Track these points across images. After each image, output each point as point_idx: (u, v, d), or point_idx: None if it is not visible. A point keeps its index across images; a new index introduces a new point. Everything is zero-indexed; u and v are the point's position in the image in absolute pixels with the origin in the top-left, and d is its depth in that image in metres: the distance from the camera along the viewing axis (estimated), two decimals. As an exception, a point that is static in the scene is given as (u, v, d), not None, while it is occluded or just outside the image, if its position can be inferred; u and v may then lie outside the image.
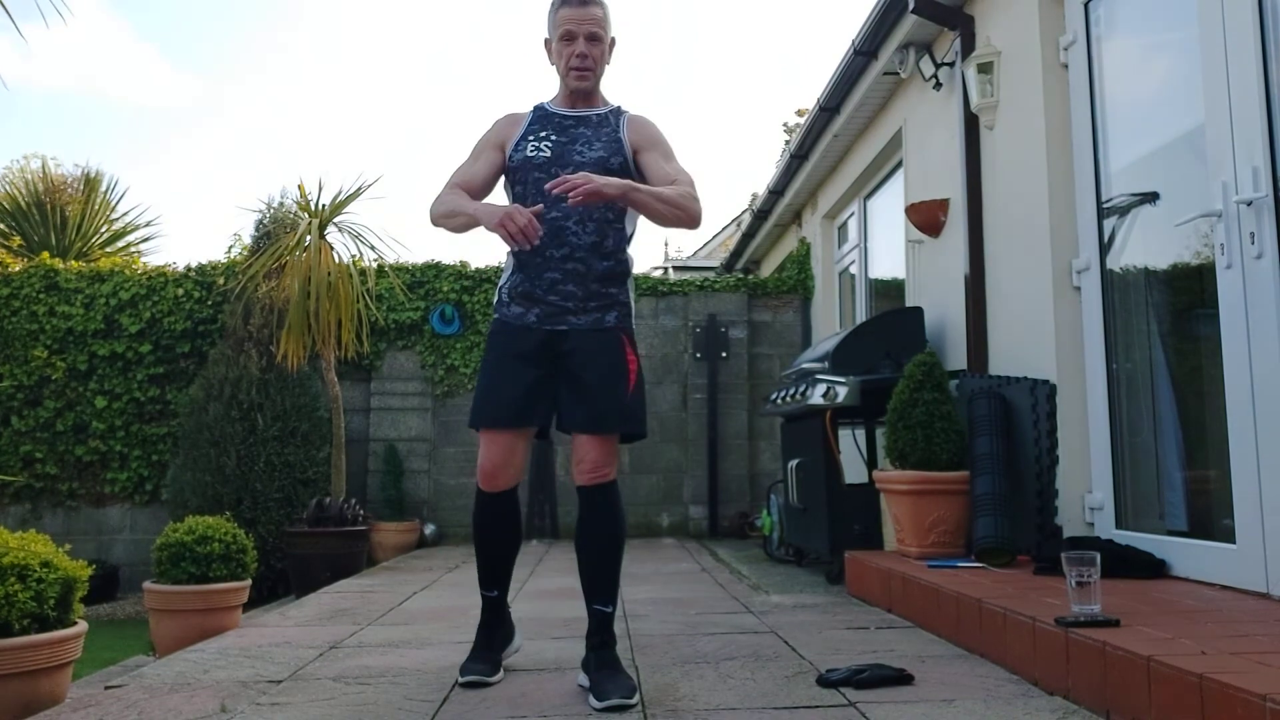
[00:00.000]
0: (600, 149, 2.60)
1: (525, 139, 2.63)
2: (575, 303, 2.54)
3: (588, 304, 2.55)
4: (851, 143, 6.53)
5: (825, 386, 4.61)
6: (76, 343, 7.68)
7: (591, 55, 2.60)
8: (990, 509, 3.68)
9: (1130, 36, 3.61)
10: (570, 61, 2.60)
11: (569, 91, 2.66)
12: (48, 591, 2.58)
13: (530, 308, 2.56)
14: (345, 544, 6.20)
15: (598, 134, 2.63)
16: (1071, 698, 2.25)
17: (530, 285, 2.56)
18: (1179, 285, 3.31)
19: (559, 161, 2.57)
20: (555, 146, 2.60)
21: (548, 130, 2.63)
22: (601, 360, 2.53)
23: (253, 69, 52.93)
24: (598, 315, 2.56)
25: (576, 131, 2.63)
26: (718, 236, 18.86)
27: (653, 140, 2.67)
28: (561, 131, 2.63)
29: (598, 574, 2.54)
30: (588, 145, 2.60)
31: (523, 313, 2.57)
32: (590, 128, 2.65)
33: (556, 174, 2.52)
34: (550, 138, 2.61)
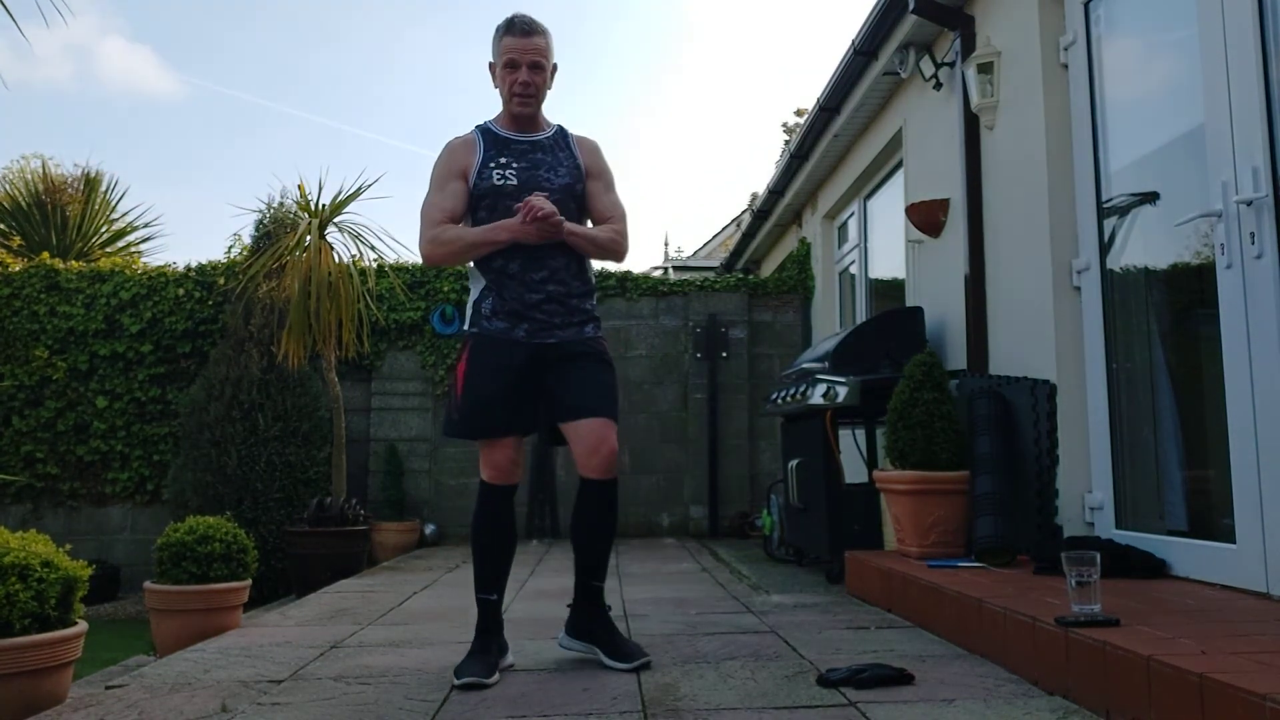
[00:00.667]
0: (565, 175, 2.81)
1: (487, 166, 2.77)
2: (560, 318, 2.74)
3: (570, 319, 2.76)
4: (851, 143, 6.53)
5: (825, 386, 4.61)
6: (77, 343, 7.68)
7: (534, 82, 2.77)
8: (990, 509, 3.68)
9: (1130, 36, 3.61)
10: (514, 88, 2.77)
11: (511, 115, 2.82)
12: (48, 591, 2.58)
13: (517, 324, 2.72)
14: (346, 544, 6.21)
15: (557, 159, 2.83)
16: (1071, 697, 2.25)
17: (515, 304, 2.72)
18: (1179, 285, 3.31)
19: (527, 187, 2.74)
20: (520, 173, 2.77)
21: (506, 156, 2.79)
22: (592, 357, 2.77)
23: (252, 68, 52.91)
24: (578, 329, 2.78)
25: (535, 157, 2.81)
26: (718, 236, 18.87)
27: (599, 169, 2.91)
28: (520, 157, 2.80)
29: (599, 558, 2.82)
30: (552, 171, 2.80)
31: (508, 328, 2.72)
32: (546, 152, 2.83)
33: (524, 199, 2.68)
34: (512, 165, 2.77)
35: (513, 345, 2.70)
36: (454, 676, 2.56)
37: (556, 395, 2.71)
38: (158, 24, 47.01)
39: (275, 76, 54.65)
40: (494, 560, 2.75)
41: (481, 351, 2.72)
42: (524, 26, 2.75)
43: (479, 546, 2.76)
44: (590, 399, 2.70)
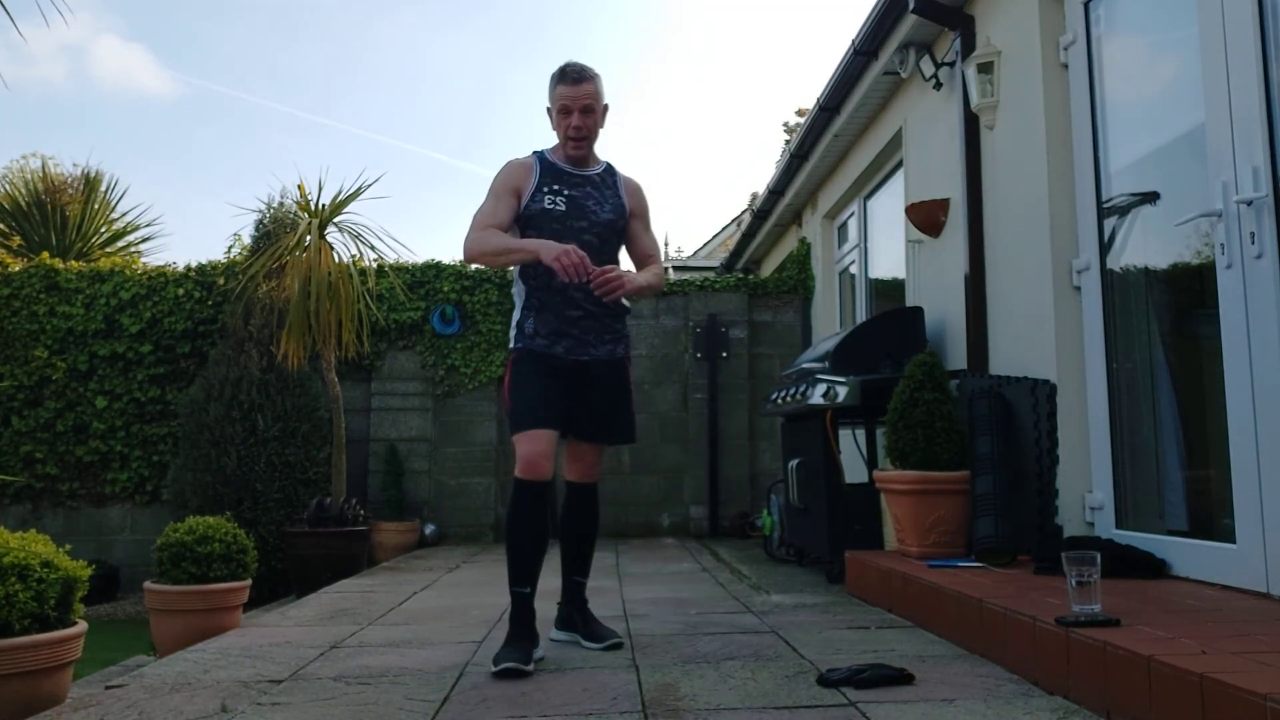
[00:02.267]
0: (609, 212, 3.05)
1: (540, 190, 3.00)
2: (594, 335, 3.00)
3: (604, 337, 3.03)
4: (851, 143, 6.53)
5: (825, 386, 4.61)
6: (77, 343, 7.68)
7: (585, 125, 2.99)
8: (991, 509, 3.68)
9: (1130, 36, 3.61)
10: (568, 132, 2.99)
11: (567, 155, 3.06)
12: (48, 591, 2.58)
13: (557, 341, 2.97)
14: (346, 544, 6.21)
15: (603, 195, 3.07)
16: (1072, 697, 2.25)
17: (557, 322, 2.97)
18: (1179, 285, 3.31)
19: (574, 215, 2.99)
20: (569, 202, 3.00)
21: (559, 185, 3.02)
22: (614, 386, 3.07)
23: (250, 67, 52.87)
24: (610, 348, 3.05)
25: (585, 190, 3.04)
26: (718, 236, 18.86)
27: (642, 210, 3.17)
28: (572, 187, 3.03)
29: (582, 554, 3.18)
30: (599, 206, 3.04)
31: (549, 344, 2.97)
32: (595, 188, 3.07)
33: (571, 226, 2.97)
34: (563, 193, 3.01)
35: (552, 359, 2.96)
36: (491, 665, 2.69)
37: (578, 413, 3.01)
38: (153, 23, 46.98)
39: (274, 76, 54.63)
40: (527, 555, 2.89)
41: (524, 361, 2.98)
42: (575, 75, 2.97)
43: (512, 542, 2.90)
44: (604, 430, 3.09)
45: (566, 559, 3.16)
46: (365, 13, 54.65)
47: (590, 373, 3.00)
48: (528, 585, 2.89)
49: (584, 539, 3.17)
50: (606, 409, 3.06)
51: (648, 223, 3.20)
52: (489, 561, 6.04)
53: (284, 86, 54.86)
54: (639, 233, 3.16)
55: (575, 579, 3.15)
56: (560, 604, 3.18)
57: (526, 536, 2.89)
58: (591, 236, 2.98)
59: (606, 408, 3.06)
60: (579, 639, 3.06)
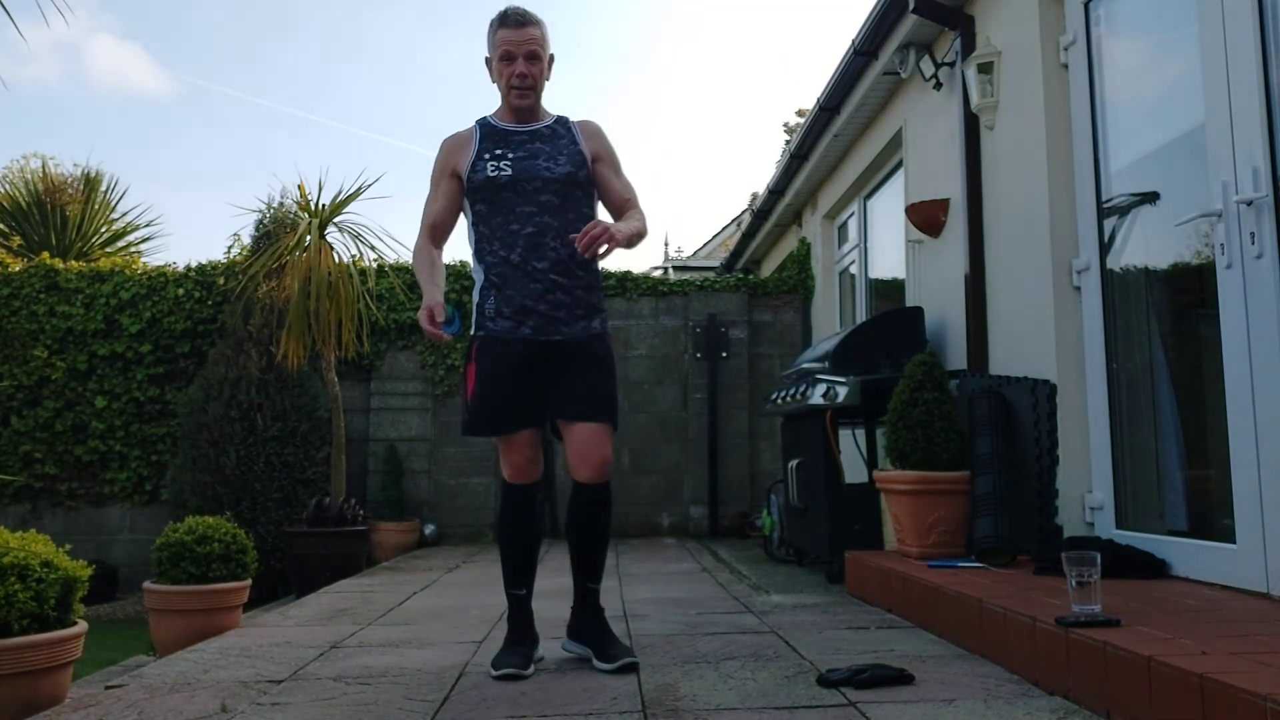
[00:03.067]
0: (565, 163, 2.75)
1: (481, 159, 2.74)
2: (564, 311, 2.71)
3: (575, 312, 2.73)
4: (851, 143, 6.53)
5: (825, 386, 4.61)
6: (76, 343, 7.67)
7: (531, 74, 2.73)
8: (990, 509, 3.68)
9: (1130, 36, 3.61)
10: (511, 81, 2.73)
11: (511, 108, 2.78)
12: (48, 591, 2.58)
13: (523, 320, 2.70)
14: (345, 544, 6.20)
15: (556, 147, 2.77)
16: (1072, 698, 2.25)
17: (520, 299, 2.70)
18: (1179, 285, 3.31)
19: (523, 177, 2.72)
20: (515, 164, 2.72)
21: (502, 148, 2.74)
22: (595, 361, 2.76)
23: (247, 66, 52.87)
24: (585, 323, 2.76)
25: (533, 146, 2.76)
26: (718, 236, 18.86)
27: (607, 151, 2.86)
28: (517, 148, 2.75)
29: (593, 559, 2.83)
30: (552, 161, 2.74)
31: (514, 326, 2.71)
32: (545, 141, 2.77)
33: (522, 190, 2.71)
34: (507, 156, 2.73)
35: (520, 344, 2.70)
36: (491, 669, 2.64)
37: (557, 395, 2.73)
38: (148, 21, 46.91)
39: (271, 74, 54.61)
40: (520, 557, 2.82)
41: (488, 351, 2.74)
42: (518, 18, 2.72)
43: (504, 545, 2.84)
44: (588, 405, 2.71)
45: (576, 564, 2.85)
46: (362, 10, 54.62)
47: (563, 351, 2.72)
48: (522, 587, 2.82)
49: (595, 543, 2.83)
50: (585, 388, 2.72)
51: (617, 166, 2.88)
52: (489, 561, 6.03)
53: (281, 85, 54.84)
54: (609, 178, 2.84)
55: (587, 585, 2.83)
56: (573, 612, 2.87)
57: (518, 539, 2.82)
58: (550, 196, 2.71)
59: (585, 386, 2.72)
60: (591, 656, 2.75)
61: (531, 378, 2.71)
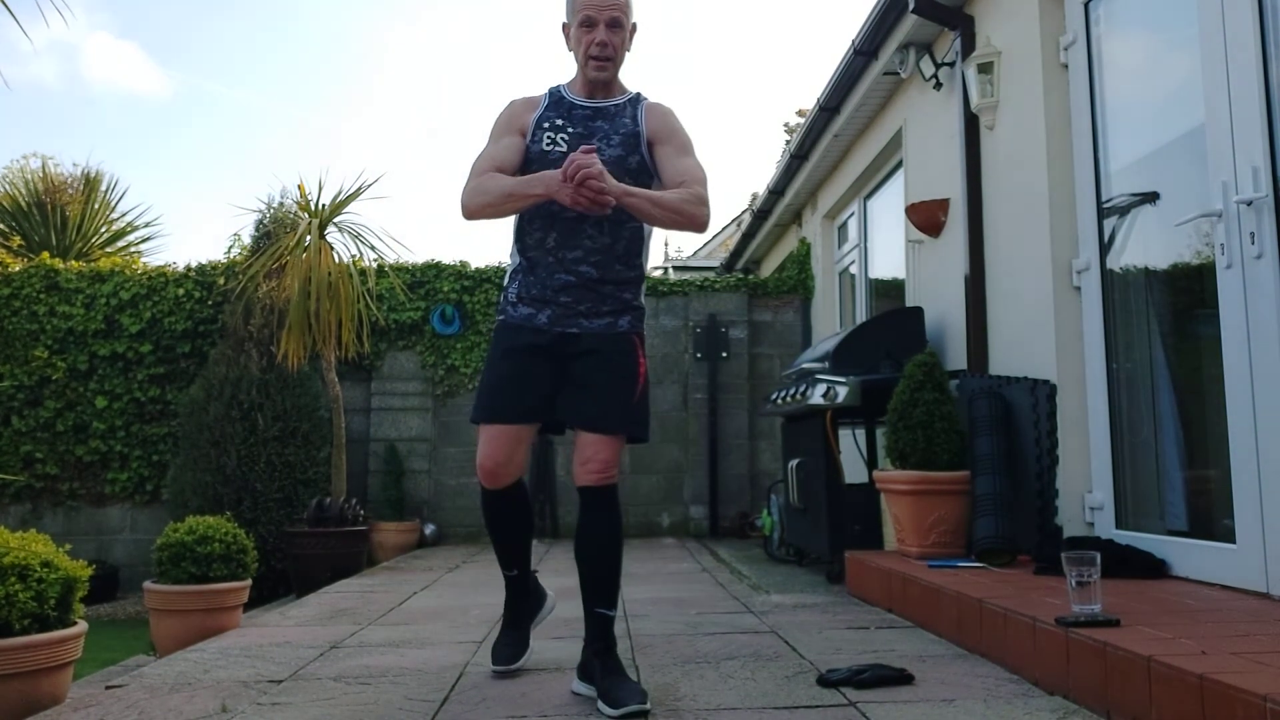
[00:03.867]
0: (617, 146, 2.51)
1: (540, 127, 2.54)
2: (587, 305, 2.49)
3: (600, 308, 2.50)
4: (851, 143, 6.53)
5: (825, 386, 4.61)
6: (77, 343, 7.68)
7: (612, 43, 2.50)
8: (990, 509, 3.68)
9: (1130, 36, 3.61)
10: (590, 50, 2.49)
11: (586, 80, 2.56)
12: (48, 591, 2.58)
13: (541, 309, 2.51)
14: (345, 544, 6.20)
15: (614, 128, 2.53)
16: (1072, 698, 2.25)
17: (541, 288, 2.51)
18: (1179, 285, 3.31)
19: None
20: (571, 140, 2.50)
21: (564, 120, 2.54)
22: (614, 363, 2.49)
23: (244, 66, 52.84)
24: (610, 320, 2.51)
25: (594, 125, 2.54)
26: (718, 236, 18.85)
27: (670, 131, 2.55)
28: (578, 123, 2.54)
29: (601, 577, 2.46)
30: (605, 141, 2.51)
31: (532, 314, 2.51)
32: (607, 120, 2.55)
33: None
34: (566, 129, 2.52)
35: (533, 332, 2.50)
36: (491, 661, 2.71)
37: (567, 395, 2.49)
38: (143, 20, 46.81)
39: (268, 72, 54.55)
40: (503, 542, 2.71)
41: (501, 337, 2.56)
42: None
43: (489, 531, 2.72)
44: (594, 412, 2.45)
45: (585, 584, 2.47)
46: (359, 8, 54.63)
47: (581, 346, 2.48)
48: (515, 567, 2.71)
49: (604, 558, 2.46)
50: (597, 390, 2.45)
51: (682, 145, 2.54)
52: (489, 561, 6.03)
53: (278, 83, 54.79)
54: (668, 157, 2.52)
55: (597, 610, 2.44)
56: (584, 647, 2.46)
57: (498, 527, 2.68)
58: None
59: (598, 388, 2.45)
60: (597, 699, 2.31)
61: (538, 370, 2.49)
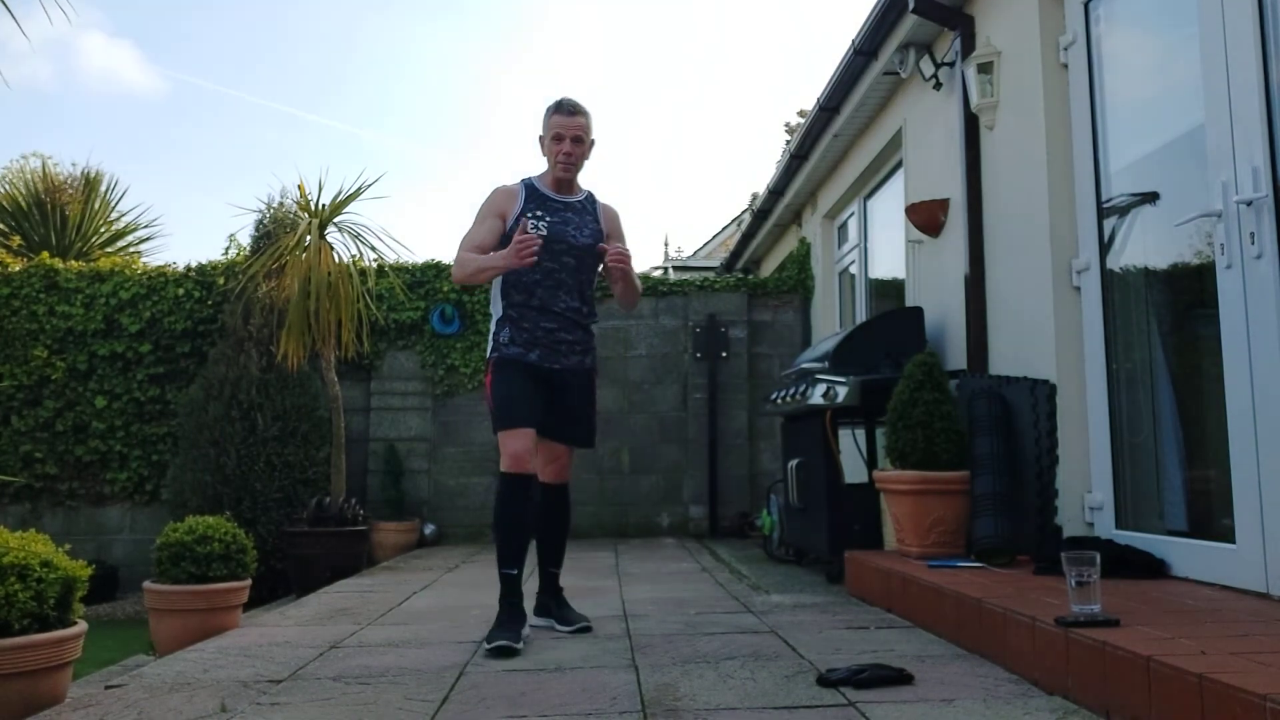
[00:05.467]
0: (588, 237, 3.36)
1: (524, 215, 3.30)
2: (566, 346, 3.32)
3: (574, 348, 3.35)
4: (851, 143, 6.53)
5: (825, 386, 4.61)
6: (76, 343, 7.68)
7: (575, 154, 3.33)
8: (990, 509, 3.68)
9: (1130, 36, 3.61)
10: (558, 157, 3.32)
11: (554, 178, 3.37)
12: (48, 591, 2.58)
13: (530, 349, 3.27)
14: (345, 544, 6.20)
15: (583, 220, 3.38)
16: (1071, 697, 2.25)
17: (531, 333, 3.27)
18: (1179, 285, 3.31)
19: (554, 239, 3.27)
20: (551, 226, 3.30)
21: (542, 211, 3.33)
22: (583, 394, 3.40)
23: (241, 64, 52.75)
24: (580, 358, 3.37)
25: (566, 215, 3.36)
26: (718, 236, 18.86)
27: (617, 233, 3.49)
28: (553, 213, 3.34)
29: (556, 547, 3.50)
30: (579, 230, 3.35)
31: (523, 353, 3.27)
32: (576, 213, 3.38)
33: (551, 248, 3.25)
34: (545, 218, 3.31)
35: (528, 365, 3.26)
36: (484, 643, 3.02)
37: (549, 415, 3.31)
38: (138, 18, 46.68)
39: (263, 71, 54.36)
40: (514, 540, 3.21)
41: (506, 366, 3.27)
42: (570, 107, 3.33)
43: (500, 529, 3.22)
44: (575, 433, 3.42)
45: (542, 553, 3.49)
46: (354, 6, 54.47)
47: (561, 379, 3.32)
48: (516, 567, 3.19)
49: (559, 534, 3.49)
50: (573, 415, 3.38)
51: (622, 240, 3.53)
52: (488, 561, 6.03)
53: (274, 82, 54.57)
54: None
55: (550, 570, 3.48)
56: (538, 594, 3.47)
57: (514, 523, 3.20)
58: (570, 259, 3.31)
59: (574, 413, 3.38)
60: (553, 624, 3.37)
61: (537, 390, 3.27)
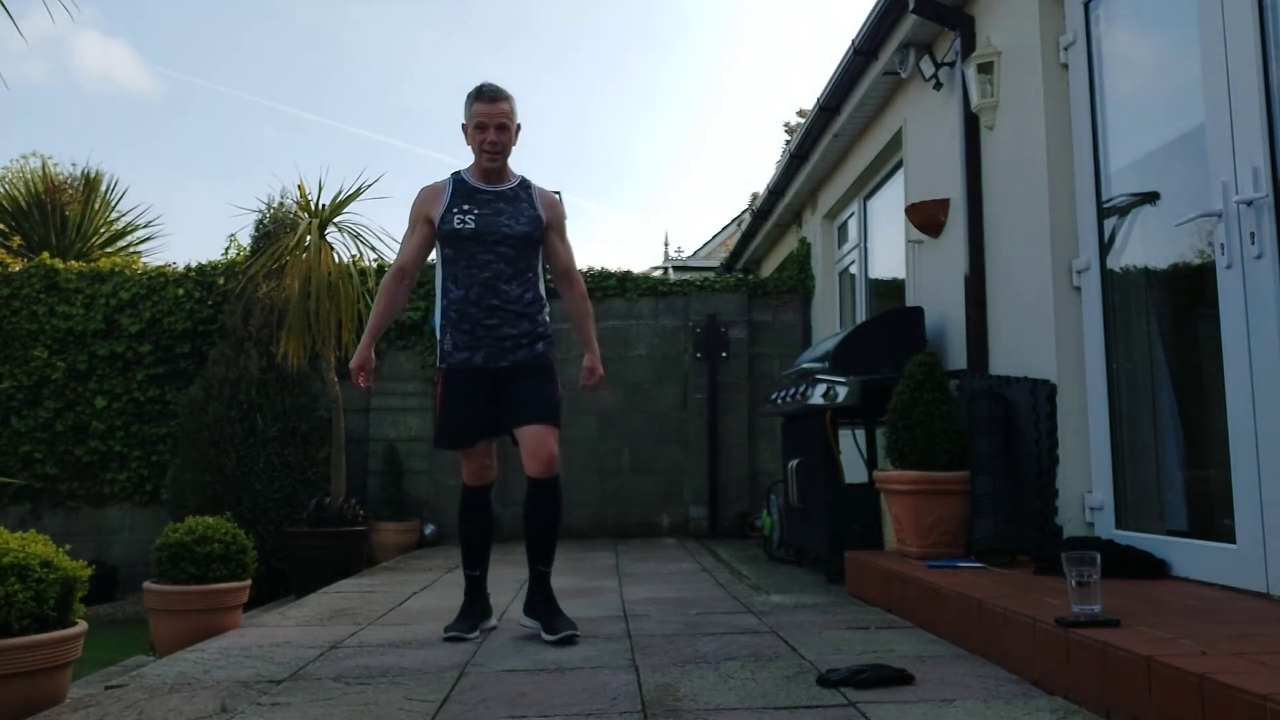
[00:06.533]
0: (525, 224, 3.23)
1: (450, 211, 3.20)
2: (511, 342, 3.21)
3: (521, 341, 3.22)
4: (851, 143, 6.53)
5: (825, 386, 4.61)
6: (76, 343, 7.68)
7: (500, 141, 3.20)
8: (990, 509, 3.68)
9: (1130, 36, 3.61)
10: (483, 146, 3.20)
11: (481, 168, 3.26)
12: (48, 591, 2.58)
13: (475, 352, 3.20)
14: (345, 544, 6.20)
15: (517, 209, 3.25)
16: (1072, 698, 2.25)
17: (472, 333, 3.18)
18: (1179, 285, 3.31)
19: (485, 230, 3.19)
20: (479, 220, 3.19)
21: (470, 205, 3.21)
22: (538, 376, 3.25)
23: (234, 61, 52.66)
24: (529, 348, 3.24)
25: (498, 205, 3.23)
26: (718, 236, 18.86)
27: (557, 221, 3.37)
28: (483, 205, 3.22)
29: (546, 545, 3.30)
30: (513, 220, 3.22)
31: (468, 357, 3.20)
32: (508, 202, 3.25)
33: (484, 241, 3.18)
34: (473, 212, 3.20)
35: (475, 372, 3.20)
36: (442, 632, 3.21)
37: (507, 407, 3.23)
38: (132, 18, 46.60)
39: (259, 70, 54.35)
40: (476, 545, 3.42)
41: (451, 382, 3.24)
42: (491, 94, 3.20)
43: (464, 535, 3.45)
44: (533, 410, 3.19)
45: (531, 551, 3.30)
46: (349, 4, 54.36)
47: (510, 373, 3.22)
48: (477, 569, 3.39)
49: (547, 532, 3.29)
50: (523, 395, 3.20)
51: (563, 233, 3.39)
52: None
53: (270, 81, 54.59)
54: (555, 244, 3.36)
55: (539, 568, 3.30)
56: (528, 592, 3.34)
57: (475, 528, 3.41)
58: (507, 248, 3.19)
59: (524, 394, 3.21)
60: (540, 630, 3.20)
61: (485, 399, 3.22)
